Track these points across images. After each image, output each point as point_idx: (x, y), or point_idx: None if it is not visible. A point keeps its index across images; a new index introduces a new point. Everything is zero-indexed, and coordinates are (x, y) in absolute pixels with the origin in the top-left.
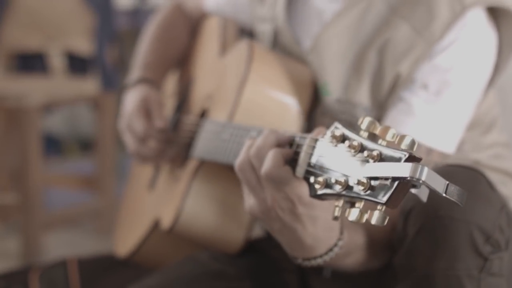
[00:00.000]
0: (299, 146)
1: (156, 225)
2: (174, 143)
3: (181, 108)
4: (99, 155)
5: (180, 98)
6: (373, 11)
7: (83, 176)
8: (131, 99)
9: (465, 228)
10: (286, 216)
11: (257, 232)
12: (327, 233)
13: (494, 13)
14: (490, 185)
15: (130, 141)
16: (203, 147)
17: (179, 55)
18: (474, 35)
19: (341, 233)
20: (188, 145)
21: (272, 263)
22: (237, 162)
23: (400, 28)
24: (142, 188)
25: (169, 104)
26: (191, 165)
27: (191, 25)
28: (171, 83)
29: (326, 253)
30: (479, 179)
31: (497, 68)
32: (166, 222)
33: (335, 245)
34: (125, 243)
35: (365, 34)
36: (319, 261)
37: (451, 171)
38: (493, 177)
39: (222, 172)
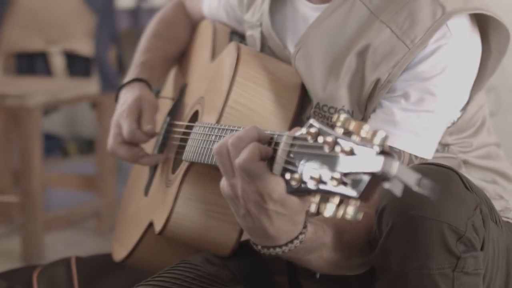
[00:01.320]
0: (277, 144)
1: (150, 229)
2: (167, 147)
3: (174, 112)
4: (100, 156)
5: (174, 101)
6: (354, 15)
7: (84, 177)
8: (125, 97)
9: (436, 227)
10: (252, 208)
11: None
12: (290, 227)
13: (480, 18)
14: (465, 184)
15: (110, 139)
16: (192, 150)
17: (179, 54)
18: (457, 44)
19: (304, 227)
20: (180, 149)
21: (263, 264)
22: (216, 145)
23: (381, 33)
24: (138, 192)
25: (165, 106)
26: (182, 168)
27: (192, 25)
28: (168, 85)
29: (285, 244)
30: (453, 178)
31: (484, 73)
32: (157, 225)
33: (296, 238)
34: (121, 246)
35: (344, 38)
36: (278, 250)
37: (424, 169)
38: (483, 176)
39: (211, 174)
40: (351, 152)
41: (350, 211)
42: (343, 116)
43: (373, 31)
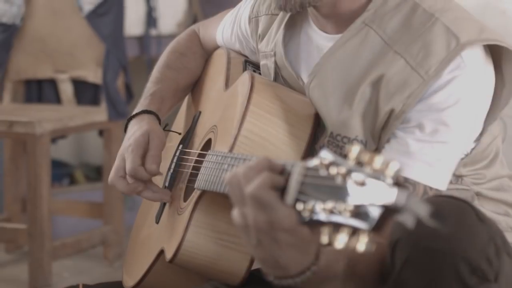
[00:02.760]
0: (289, 174)
1: (160, 256)
2: (178, 178)
3: (187, 140)
4: (108, 183)
5: (187, 130)
6: (367, 45)
7: (92, 204)
8: (133, 130)
9: (450, 259)
10: (263, 238)
11: None
12: (302, 258)
13: (494, 49)
14: (478, 217)
15: (112, 171)
16: (204, 178)
17: (192, 84)
18: (471, 74)
19: (317, 258)
20: (192, 177)
21: None
22: (228, 175)
23: (395, 63)
24: (150, 219)
25: (177, 137)
26: (194, 196)
27: (206, 55)
28: (181, 113)
29: (297, 275)
30: (466, 210)
31: (498, 104)
32: (168, 253)
33: (308, 269)
34: (131, 273)
35: (358, 67)
36: (290, 281)
37: (438, 201)
38: (495, 208)
39: (223, 203)
40: (364, 184)
41: (362, 243)
42: (356, 147)
43: (387, 62)
